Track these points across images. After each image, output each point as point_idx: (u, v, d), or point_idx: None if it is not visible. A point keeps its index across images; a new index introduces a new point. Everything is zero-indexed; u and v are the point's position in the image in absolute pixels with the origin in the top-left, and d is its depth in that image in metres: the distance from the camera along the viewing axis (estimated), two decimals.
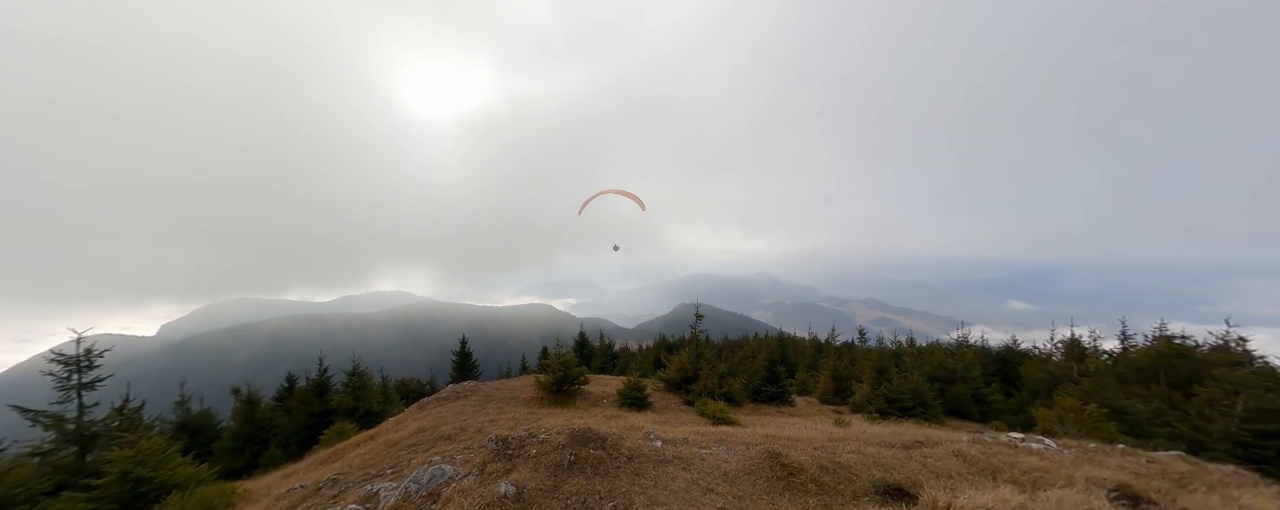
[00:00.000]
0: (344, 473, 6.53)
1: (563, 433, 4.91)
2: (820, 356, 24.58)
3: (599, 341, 32.26)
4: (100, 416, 11.30)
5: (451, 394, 11.85)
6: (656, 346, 33.21)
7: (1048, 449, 6.45)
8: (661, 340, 34.08)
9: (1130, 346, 17.57)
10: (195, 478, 8.14)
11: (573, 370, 11.66)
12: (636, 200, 14.06)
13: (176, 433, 21.03)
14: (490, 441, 4.90)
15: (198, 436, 21.52)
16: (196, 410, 22.67)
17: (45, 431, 10.89)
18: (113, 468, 7.47)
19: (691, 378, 13.24)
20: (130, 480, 7.44)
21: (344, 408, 19.78)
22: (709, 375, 12.79)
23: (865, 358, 21.01)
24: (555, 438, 4.87)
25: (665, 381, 13.96)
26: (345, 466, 7.47)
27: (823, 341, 27.85)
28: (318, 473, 7.84)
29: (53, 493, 9.56)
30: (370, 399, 20.59)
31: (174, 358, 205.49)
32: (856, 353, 25.00)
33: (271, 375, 34.60)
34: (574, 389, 11.93)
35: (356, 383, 20.65)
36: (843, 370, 16.93)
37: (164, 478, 7.71)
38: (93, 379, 11.68)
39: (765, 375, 14.17)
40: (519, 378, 14.80)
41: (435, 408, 10.81)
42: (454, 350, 30.35)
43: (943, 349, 20.35)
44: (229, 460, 18.97)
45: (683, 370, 13.46)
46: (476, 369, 30.39)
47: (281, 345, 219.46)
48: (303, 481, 6.68)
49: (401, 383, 29.78)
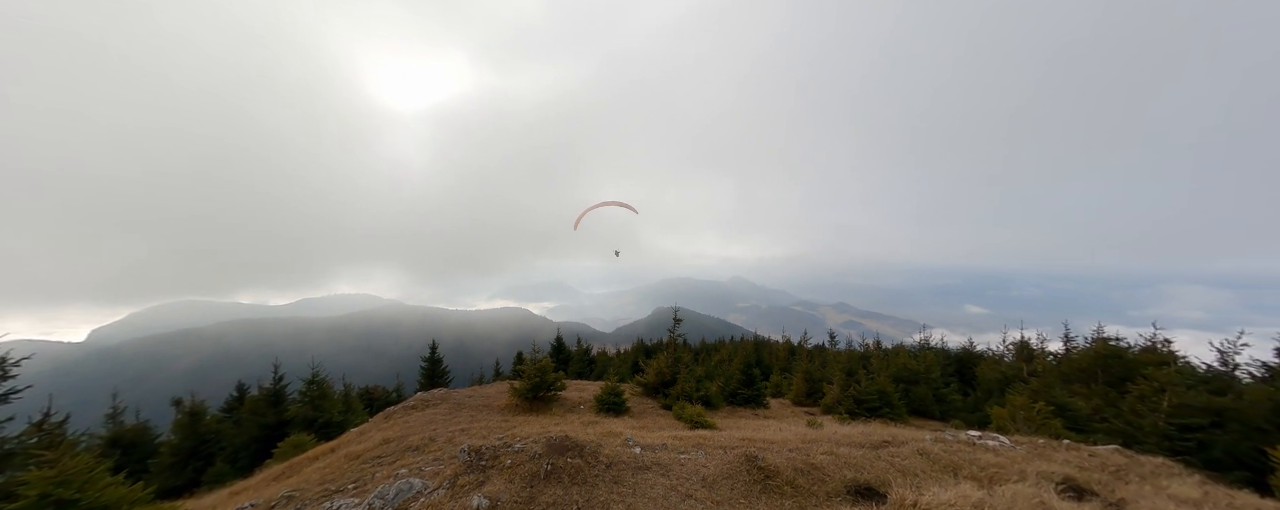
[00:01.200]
0: (300, 489, 6.09)
1: (539, 441, 4.76)
2: (793, 359, 25.20)
3: (576, 346, 31.82)
4: (16, 432, 10.12)
5: (420, 402, 11.33)
6: (634, 350, 33.08)
7: (1002, 445, 6.82)
8: (639, 344, 33.95)
9: (1072, 348, 18.99)
10: (128, 499, 7.38)
11: (549, 376, 11.40)
12: (629, 207, 14.38)
13: (107, 449, 19.17)
14: (462, 452, 4.68)
15: (131, 452, 19.70)
16: (130, 423, 20.77)
17: None
18: (29, 490, 6.67)
19: (669, 382, 13.22)
20: (50, 504, 6.66)
21: (301, 418, 18.58)
22: (687, 379, 12.82)
23: (835, 360, 21.71)
24: (531, 447, 4.70)
25: (643, 386, 13.89)
26: (302, 482, 6.97)
27: (795, 344, 28.57)
28: (270, 490, 7.28)
29: None
30: (331, 409, 19.45)
31: (105, 366, 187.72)
32: (828, 355, 25.77)
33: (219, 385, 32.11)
34: (550, 395, 11.66)
35: (315, 392, 19.46)
36: (815, 372, 17.41)
37: (91, 500, 6.94)
38: (7, 391, 10.46)
39: (741, 378, 14.37)
40: (493, 384, 14.35)
41: (402, 417, 10.30)
42: (423, 356, 29.15)
43: (906, 351, 21.31)
44: (168, 478, 17.44)
45: (661, 374, 13.43)
46: (447, 376, 29.28)
47: (230, 352, 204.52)
48: (253, 499, 6.17)
49: (365, 391, 28.30)
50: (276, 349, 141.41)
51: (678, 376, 13.03)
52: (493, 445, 4.85)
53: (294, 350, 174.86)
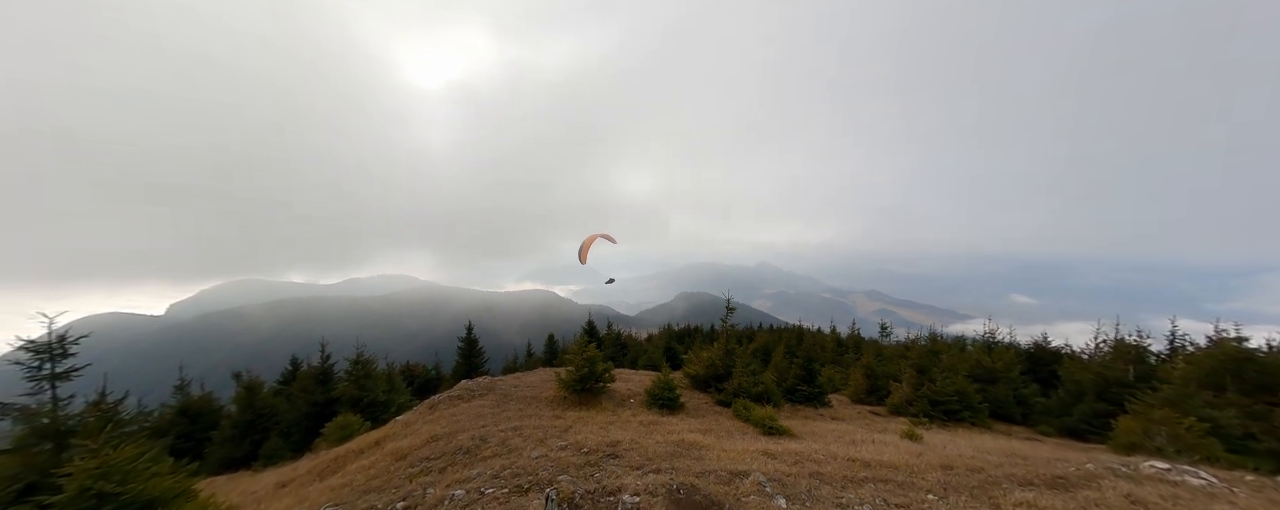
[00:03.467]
0: (342, 503, 5.25)
1: (656, 495, 3.54)
2: (842, 351, 23.32)
3: (607, 330, 31.06)
4: (76, 411, 10.03)
5: (465, 392, 10.57)
6: (664, 336, 32.00)
7: (1213, 485, 5.15)
8: (669, 329, 32.89)
9: (1182, 348, 16.27)
10: (172, 490, 6.87)
11: (598, 366, 10.38)
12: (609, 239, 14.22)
13: (176, 418, 19.96)
14: (548, 504, 3.55)
15: (198, 422, 20.46)
16: (197, 394, 21.60)
17: (14, 426, 9.66)
18: (70, 483, 6.18)
19: (722, 375, 11.95)
20: (91, 497, 6.16)
21: (348, 397, 18.58)
22: (743, 374, 11.49)
23: (900, 355, 19.64)
24: (645, 503, 3.47)
25: (692, 378, 12.69)
26: (345, 485, 6.20)
27: (844, 336, 26.63)
28: (313, 491, 6.58)
29: (22, 494, 8.37)
30: (375, 388, 19.40)
31: (179, 339, 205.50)
32: (883, 349, 23.69)
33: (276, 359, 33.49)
34: (599, 387, 10.66)
35: (360, 371, 19.43)
36: (877, 368, 15.65)
37: (133, 493, 6.42)
38: (68, 368, 10.36)
39: (800, 373, 12.88)
40: (535, 372, 13.53)
41: (448, 409, 9.54)
42: (459, 337, 29.16)
43: (979, 346, 19.11)
44: (229, 449, 17.89)
45: (712, 367, 12.16)
46: (483, 356, 29.24)
47: (286, 328, 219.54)
48: (293, 506, 5.40)
49: (406, 368, 28.62)
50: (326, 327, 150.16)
51: (733, 370, 11.72)
52: (589, 491, 3.71)
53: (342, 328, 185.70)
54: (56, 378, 10.08)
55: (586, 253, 13.61)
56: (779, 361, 14.51)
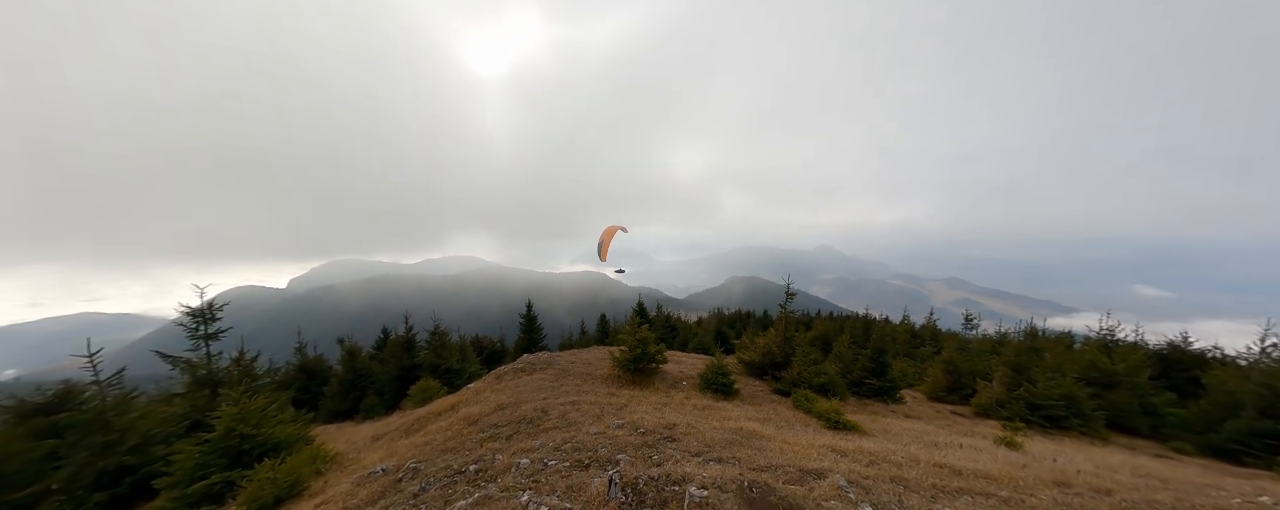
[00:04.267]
0: (425, 459, 5.77)
1: (727, 490, 3.37)
2: (917, 343, 21.12)
3: (656, 312, 31.26)
4: (223, 365, 12.15)
5: (527, 365, 11.17)
6: (715, 319, 31.46)
7: None
8: (720, 313, 32.28)
9: None
10: (292, 436, 8.09)
11: (650, 347, 10.39)
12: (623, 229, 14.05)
13: (296, 375, 23.56)
14: (613, 487, 3.55)
15: (313, 379, 23.99)
16: (312, 356, 25.30)
17: (182, 375, 11.97)
18: (220, 424, 7.50)
19: (780, 363, 11.40)
20: (234, 436, 7.43)
21: (428, 364, 20.69)
22: (802, 363, 10.85)
23: (989, 350, 17.24)
24: (714, 498, 3.31)
25: (747, 364, 12.27)
26: (427, 443, 6.83)
27: (918, 326, 24.17)
28: (402, 445, 7.35)
29: (189, 431, 10.38)
30: (450, 356, 21.39)
31: (296, 308, 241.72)
32: (967, 342, 21.09)
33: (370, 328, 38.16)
34: (652, 367, 10.69)
35: (438, 342, 21.48)
36: (960, 363, 13.99)
37: (264, 436, 7.66)
38: (217, 329, 12.51)
39: (869, 365, 11.88)
40: (590, 349, 13.93)
41: (513, 380, 10.14)
42: (521, 313, 31.02)
43: (1093, 344, 16.33)
44: (337, 402, 20.82)
45: (769, 354, 11.62)
46: (541, 332, 30.96)
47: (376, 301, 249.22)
48: (384, 464, 6.05)
49: (475, 340, 31.21)
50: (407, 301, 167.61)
51: (792, 358, 11.10)
52: (653, 478, 3.66)
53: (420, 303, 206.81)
54: (209, 338, 12.19)
55: (606, 249, 13.61)
56: (843, 351, 13.46)
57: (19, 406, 9.16)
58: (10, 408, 9.24)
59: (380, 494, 5.01)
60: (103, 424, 8.61)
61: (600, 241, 13.33)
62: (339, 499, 5.24)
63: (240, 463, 7.28)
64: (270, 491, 6.00)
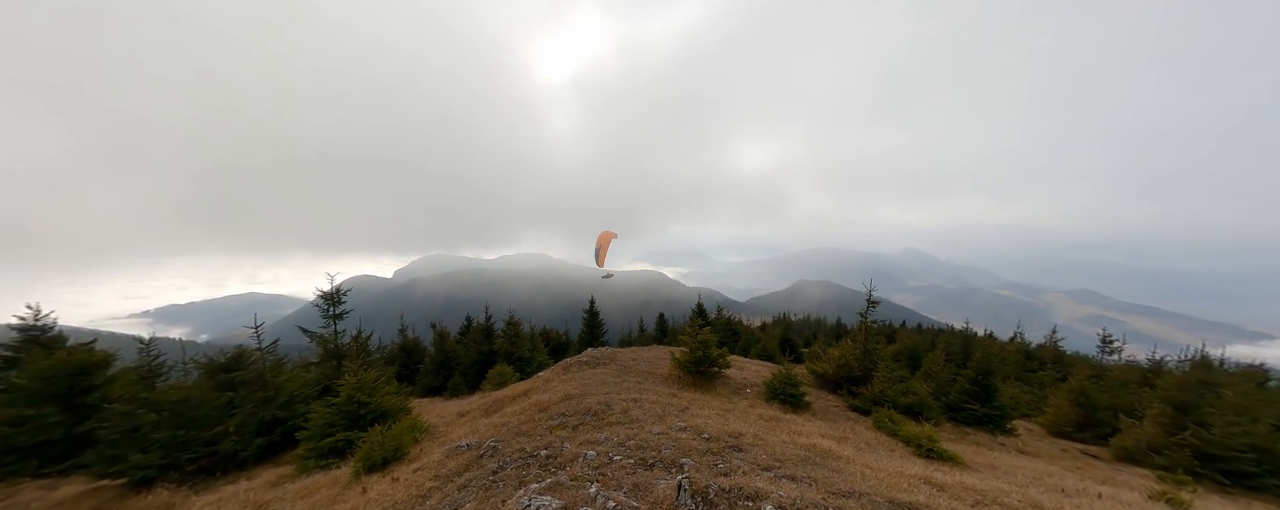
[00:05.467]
0: (502, 439, 6.18)
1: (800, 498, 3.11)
2: (1033, 366, 17.29)
3: (716, 314, 30.52)
4: (346, 341, 14.29)
5: (592, 359, 11.54)
6: (780, 325, 29.77)
7: None
8: (784, 319, 30.46)
9: None
10: (396, 407, 9.22)
11: (712, 351, 10.10)
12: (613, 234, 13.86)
13: (398, 353, 26.92)
14: (682, 495, 3.47)
15: (412, 357, 27.22)
16: (411, 337, 28.78)
17: (317, 348, 14.31)
18: (343, 391, 8.79)
19: (858, 378, 10.38)
20: (353, 402, 8.66)
21: (503, 351, 22.42)
22: (886, 379, 9.75)
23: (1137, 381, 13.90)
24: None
25: (819, 376, 11.36)
26: (503, 425, 7.34)
27: (1033, 346, 20.22)
28: (482, 424, 7.98)
29: (320, 394, 12.35)
30: (522, 346, 22.98)
31: (398, 296, 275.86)
32: (1105, 370, 16.96)
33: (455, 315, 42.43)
34: (714, 371, 10.40)
35: (512, 331, 23.20)
36: (1095, 395, 11.51)
37: (376, 405, 8.83)
38: (341, 311, 14.73)
39: (970, 388, 10.30)
40: (650, 348, 13.98)
41: (578, 372, 10.53)
42: (584, 309, 32.26)
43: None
44: (429, 380, 23.37)
45: (845, 367, 10.64)
46: (603, 328, 31.94)
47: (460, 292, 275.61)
48: (468, 440, 6.61)
49: (544, 332, 33.17)
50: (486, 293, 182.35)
51: (873, 373, 10.05)
52: (724, 490, 3.52)
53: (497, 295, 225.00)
54: (336, 318, 14.35)
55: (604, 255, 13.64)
56: (936, 369, 11.78)
57: (208, 364, 11.62)
58: (203, 365, 11.76)
59: (465, 467, 5.47)
60: (263, 383, 10.56)
61: (597, 247, 13.57)
62: (432, 466, 5.82)
63: (358, 425, 8.47)
64: (379, 453, 6.88)
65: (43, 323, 13.65)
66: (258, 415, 10.01)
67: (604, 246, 13.40)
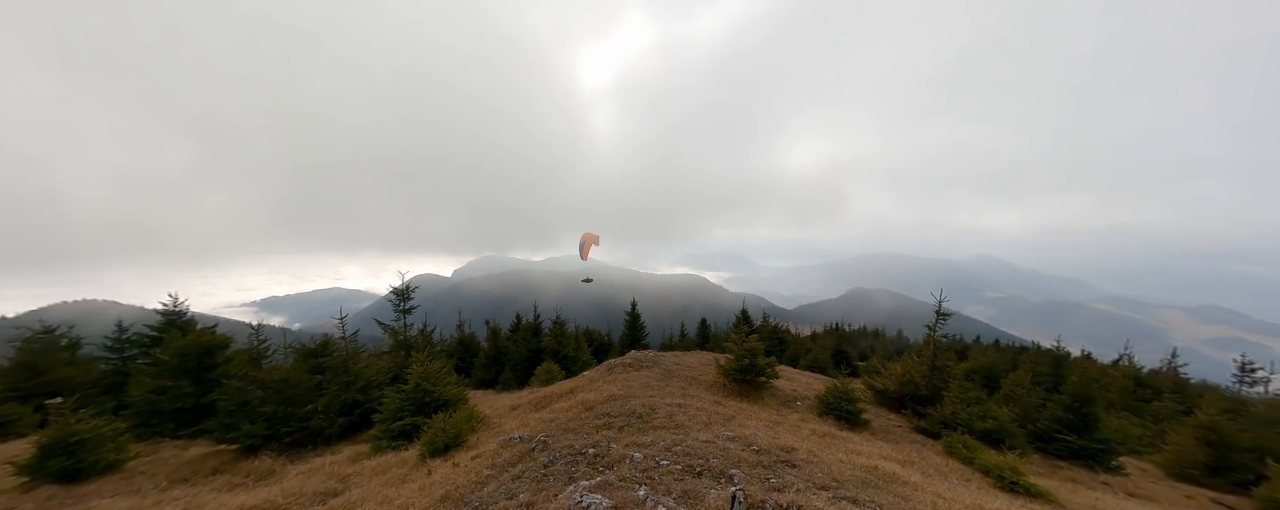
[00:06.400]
0: (551, 436, 6.35)
1: None
2: (1147, 395, 14.23)
3: (762, 321, 29.42)
4: (413, 334, 15.52)
5: (635, 362, 11.56)
6: (833, 336, 27.99)
7: None
8: (838, 329, 28.57)
9: None
10: (456, 398, 9.81)
11: (759, 359, 9.70)
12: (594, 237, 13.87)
13: (457, 347, 28.71)
14: (736, 504, 3.35)
15: (468, 351, 28.89)
16: (467, 333, 30.60)
17: (389, 339, 15.65)
18: (411, 379, 9.51)
19: (925, 397, 9.45)
20: (420, 390, 9.33)
21: (550, 349, 23.16)
22: (959, 400, 8.77)
23: None
24: None
25: (878, 392, 10.49)
26: (552, 421, 7.54)
27: (1146, 371, 16.98)
28: (532, 418, 8.25)
29: (392, 381, 13.46)
30: (567, 345, 23.61)
31: (456, 293, 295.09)
32: (1244, 404, 14.01)
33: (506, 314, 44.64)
34: (761, 381, 9.98)
35: (558, 330, 23.90)
36: (1231, 434, 9.47)
37: (439, 393, 9.45)
38: (410, 306, 16.01)
39: (1065, 416, 8.97)
40: (693, 354, 13.74)
41: (622, 374, 10.59)
42: (626, 312, 32.53)
43: None
44: (482, 374, 24.67)
45: (910, 384, 9.73)
46: (644, 332, 32.03)
47: (510, 291, 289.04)
48: (520, 432, 6.85)
49: (587, 332, 33.89)
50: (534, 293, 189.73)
51: (943, 393, 9.10)
52: (780, 505, 3.36)
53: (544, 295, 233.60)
54: (406, 312, 15.60)
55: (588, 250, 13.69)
56: (1019, 392, 10.32)
57: (301, 350, 13.10)
58: (297, 350, 13.28)
59: (518, 458, 5.66)
60: (345, 368, 11.71)
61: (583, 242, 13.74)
62: (489, 455, 6.10)
63: (423, 411, 9.12)
64: (442, 439, 7.34)
65: (179, 309, 16.18)
66: (341, 397, 11.10)
67: (588, 244, 13.73)
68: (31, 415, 13.17)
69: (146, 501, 7.22)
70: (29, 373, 14.75)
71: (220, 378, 12.02)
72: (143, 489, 8.04)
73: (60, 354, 15.71)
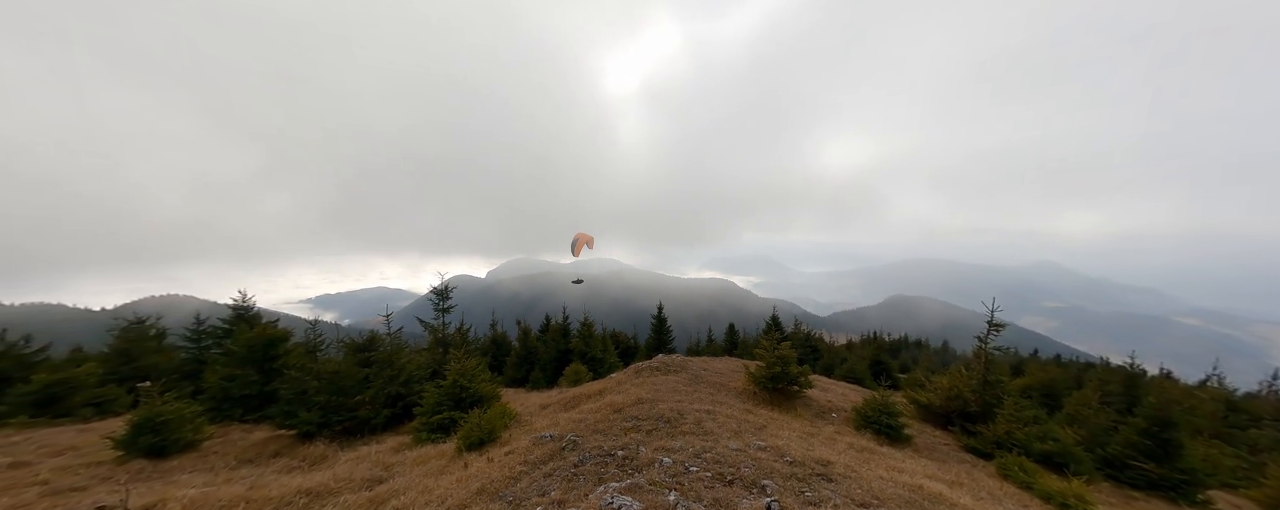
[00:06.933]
0: (580, 436, 6.42)
1: None
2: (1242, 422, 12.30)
3: (794, 328, 28.43)
4: (451, 332, 16.22)
5: (662, 366, 11.51)
6: (871, 346, 26.58)
7: None
8: (876, 338, 27.08)
9: None
10: (490, 395, 10.14)
11: (792, 368, 9.38)
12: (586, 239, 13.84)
13: (490, 346, 29.70)
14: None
15: (500, 350, 29.80)
16: (500, 332, 31.61)
17: (429, 336, 16.43)
18: (448, 375, 9.93)
19: (975, 413, 8.78)
20: (457, 386, 9.72)
21: (578, 350, 23.48)
22: (1014, 419, 8.07)
23: None
24: None
25: (922, 407, 9.86)
26: (581, 422, 7.63)
27: (1240, 394, 14.87)
28: (562, 418, 8.39)
29: (431, 376, 14.11)
30: (595, 347, 23.85)
31: (489, 294, 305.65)
32: None
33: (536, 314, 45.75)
34: (794, 391, 9.66)
35: (586, 332, 24.20)
36: None
37: (475, 390, 9.81)
38: (448, 306, 16.76)
39: (1140, 441, 8.05)
40: (722, 359, 13.50)
41: (650, 378, 10.58)
42: (652, 314, 32.47)
43: None
44: (514, 372, 25.35)
45: (958, 399, 9.07)
46: (670, 336, 31.84)
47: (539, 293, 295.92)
48: (550, 431, 6.98)
49: (614, 334, 34.10)
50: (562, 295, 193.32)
51: (996, 410, 8.42)
52: None
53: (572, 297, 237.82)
54: (444, 311, 16.32)
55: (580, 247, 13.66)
56: (1085, 413, 9.28)
57: (350, 344, 14.01)
58: (347, 344, 14.21)
59: (549, 456, 5.77)
60: (389, 363, 12.40)
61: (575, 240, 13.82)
62: (521, 452, 6.25)
63: (460, 406, 9.50)
64: (477, 433, 7.60)
65: (247, 304, 17.73)
66: (386, 390, 11.76)
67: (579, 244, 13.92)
68: (125, 396, 14.83)
69: (218, 479, 7.93)
70: (124, 359, 16.66)
71: (281, 368, 13.06)
72: (215, 467, 8.84)
73: (149, 343, 17.65)
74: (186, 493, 6.34)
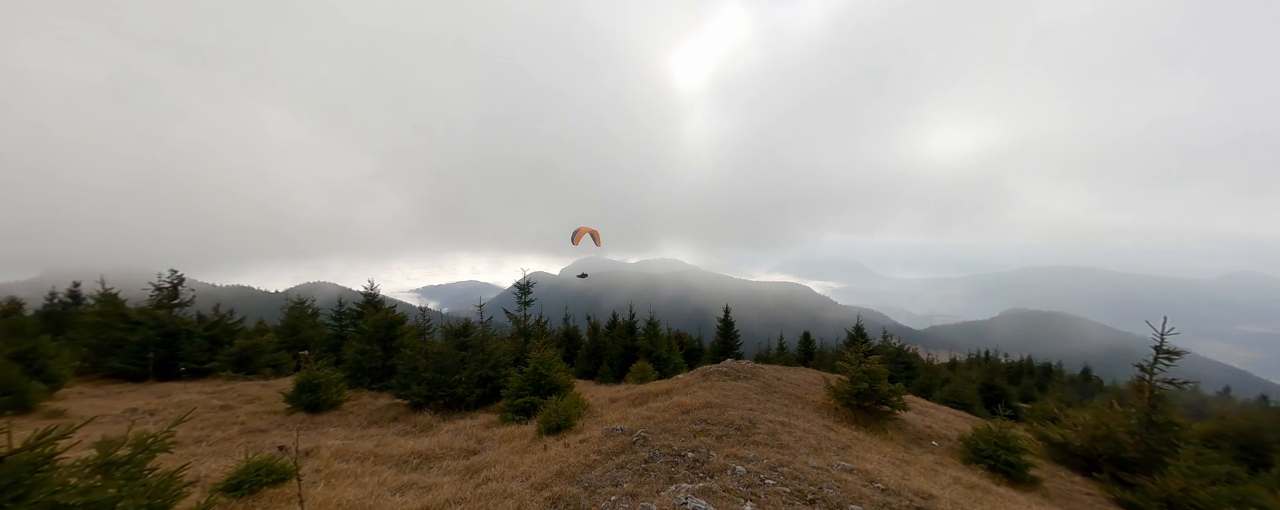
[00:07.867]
0: (650, 432, 6.50)
1: None
2: None
3: (882, 340, 25.40)
4: (532, 323, 17.64)
5: (731, 371, 11.14)
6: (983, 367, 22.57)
7: None
8: (990, 359, 22.78)
9: None
10: (566, 385, 10.78)
11: (882, 386, 8.39)
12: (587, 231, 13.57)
13: (563, 339, 31.58)
14: None
15: (571, 343, 31.57)
16: (571, 326, 33.47)
17: (513, 326, 18.04)
18: (530, 363, 10.78)
19: (1135, 462, 6.98)
20: (537, 373, 10.52)
21: (643, 348, 23.84)
22: (1194, 473, 6.26)
23: None
24: None
25: (1055, 445, 8.12)
26: (649, 418, 7.72)
27: None
28: (631, 414, 8.58)
29: (515, 363, 15.49)
30: (660, 346, 23.99)
31: (561, 290, 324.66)
32: None
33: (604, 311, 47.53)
34: (884, 411, 8.65)
35: (651, 331, 24.45)
36: None
37: (552, 379, 10.52)
38: (529, 299, 18.24)
39: None
40: (797, 370, 12.63)
41: (718, 382, 10.31)
42: (718, 318, 31.61)
43: None
44: (583, 365, 26.62)
45: (1108, 441, 7.27)
46: (738, 340, 30.69)
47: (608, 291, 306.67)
48: (621, 425, 7.17)
49: (677, 334, 33.94)
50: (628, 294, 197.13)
51: (1166, 458, 6.62)
52: None
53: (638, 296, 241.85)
54: (526, 304, 17.76)
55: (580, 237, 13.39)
56: None
57: (449, 329, 16.00)
58: (447, 329, 16.26)
59: (621, 449, 5.94)
60: (481, 348, 13.88)
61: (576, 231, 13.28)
62: (594, 441, 6.54)
63: (540, 392, 10.26)
64: (554, 419, 8.13)
65: (374, 292, 21.15)
66: (478, 372, 13.18)
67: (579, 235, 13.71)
68: (291, 361, 18.73)
69: (354, 434, 9.61)
70: (291, 331, 21.06)
71: (399, 347, 15.38)
72: (351, 424, 10.74)
73: (307, 320, 22.09)
74: (334, 443, 7.79)
